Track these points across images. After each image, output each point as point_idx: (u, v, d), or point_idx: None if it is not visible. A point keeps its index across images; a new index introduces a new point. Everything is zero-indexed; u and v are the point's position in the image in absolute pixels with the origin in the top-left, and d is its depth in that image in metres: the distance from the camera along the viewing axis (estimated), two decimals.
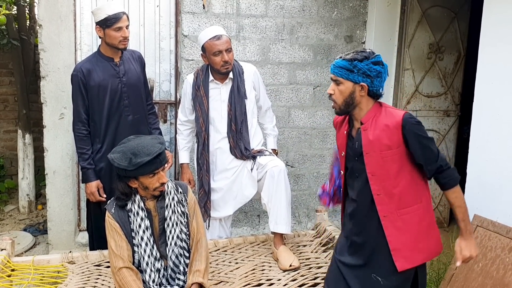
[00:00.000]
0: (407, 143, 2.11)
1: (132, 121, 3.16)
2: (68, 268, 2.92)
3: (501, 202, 2.83)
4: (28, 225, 4.82)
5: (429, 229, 2.21)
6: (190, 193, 2.60)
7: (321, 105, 4.45)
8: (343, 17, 4.37)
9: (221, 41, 3.07)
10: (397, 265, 2.13)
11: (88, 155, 3.11)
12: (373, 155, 2.14)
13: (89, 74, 3.06)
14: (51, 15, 3.78)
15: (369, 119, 2.17)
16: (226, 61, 3.06)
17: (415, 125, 2.10)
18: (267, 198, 3.09)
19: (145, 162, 2.26)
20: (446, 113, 4.57)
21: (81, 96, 3.07)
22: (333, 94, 2.18)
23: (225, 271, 2.95)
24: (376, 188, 2.15)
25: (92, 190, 3.11)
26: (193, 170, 4.24)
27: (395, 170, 2.13)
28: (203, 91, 3.18)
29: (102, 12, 3.00)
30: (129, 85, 3.15)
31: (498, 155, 2.88)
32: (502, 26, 2.84)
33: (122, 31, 3.02)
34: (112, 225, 2.43)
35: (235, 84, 3.18)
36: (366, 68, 2.11)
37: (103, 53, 3.13)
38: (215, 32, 3.10)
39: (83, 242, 4.07)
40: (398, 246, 2.14)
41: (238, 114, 3.16)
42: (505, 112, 2.83)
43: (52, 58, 3.82)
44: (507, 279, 2.55)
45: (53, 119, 3.88)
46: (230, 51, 3.11)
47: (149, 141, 2.38)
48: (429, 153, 2.12)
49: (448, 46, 4.47)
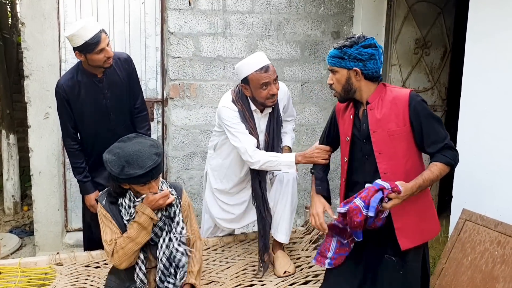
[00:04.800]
0: (412, 122, 2.13)
1: (118, 131, 2.98)
2: (55, 270, 2.88)
3: (489, 196, 2.85)
4: (14, 227, 4.74)
5: (429, 210, 2.26)
6: (184, 196, 2.56)
7: (309, 102, 4.44)
8: (330, 13, 4.36)
9: (269, 73, 2.75)
10: (400, 243, 2.16)
11: (82, 168, 3.05)
12: (380, 133, 2.17)
13: (72, 91, 2.92)
14: (34, 13, 3.71)
15: (375, 99, 2.21)
16: (274, 94, 2.78)
17: (421, 102, 2.14)
18: (272, 202, 2.98)
19: (136, 175, 2.22)
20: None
21: (66, 112, 2.97)
22: (333, 83, 2.24)
23: (216, 271, 2.93)
24: (383, 167, 2.17)
25: (91, 203, 3.06)
26: None
27: (403, 149, 2.16)
28: (252, 124, 2.87)
29: (79, 38, 2.75)
30: (114, 99, 3.02)
31: (486, 150, 2.89)
32: (488, 22, 2.85)
33: (105, 52, 2.81)
34: (104, 214, 2.39)
35: (275, 114, 2.95)
36: (356, 53, 2.14)
37: (85, 68, 2.94)
38: (261, 62, 2.77)
39: (71, 243, 4.03)
40: (402, 226, 2.17)
41: (275, 144, 2.97)
42: (492, 106, 2.85)
43: (35, 56, 3.75)
44: (496, 272, 2.57)
45: (37, 119, 3.82)
46: (277, 81, 2.82)
47: (147, 150, 2.29)
48: (434, 131, 2.13)
49: (435, 41, 4.49)
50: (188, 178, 4.23)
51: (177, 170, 4.20)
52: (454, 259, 2.84)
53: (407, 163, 2.16)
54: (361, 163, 2.27)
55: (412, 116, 2.13)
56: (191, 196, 4.25)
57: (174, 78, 4.08)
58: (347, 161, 2.32)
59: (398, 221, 2.17)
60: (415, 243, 2.19)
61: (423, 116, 2.13)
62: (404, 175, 2.14)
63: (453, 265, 2.83)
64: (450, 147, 2.13)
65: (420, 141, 2.16)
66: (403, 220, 2.17)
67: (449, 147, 2.13)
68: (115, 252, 2.34)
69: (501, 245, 2.62)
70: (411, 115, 2.13)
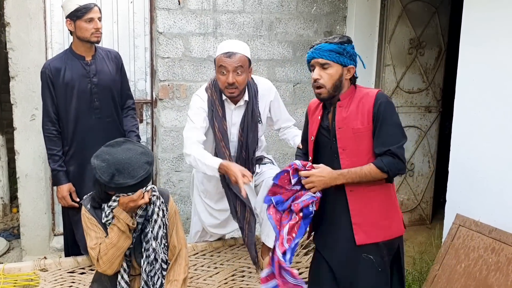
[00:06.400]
0: (373, 120, 2.14)
1: (103, 124, 3.00)
2: (40, 276, 2.81)
3: (484, 201, 2.79)
4: (2, 230, 4.67)
5: (392, 210, 2.25)
6: (171, 202, 2.48)
7: (301, 102, 4.37)
8: (322, 12, 4.30)
9: (231, 59, 2.63)
10: (356, 238, 2.18)
11: (58, 157, 2.97)
12: (345, 130, 2.18)
13: (57, 72, 2.92)
14: (19, 13, 3.63)
15: (346, 98, 2.22)
16: (230, 83, 2.65)
17: (386, 102, 2.15)
18: (259, 208, 2.89)
19: (126, 185, 2.15)
20: (427, 109, 4.53)
21: (49, 94, 2.94)
22: (320, 78, 2.17)
23: (203, 277, 2.87)
24: (346, 163, 2.18)
25: (63, 194, 2.97)
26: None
27: (366, 147, 2.17)
28: (220, 111, 2.79)
29: (72, 4, 2.85)
30: (101, 86, 2.99)
31: (480, 153, 2.84)
32: (482, 24, 2.82)
33: (94, 23, 2.87)
34: (89, 218, 2.32)
35: (250, 108, 2.82)
36: (352, 52, 2.19)
37: (74, 50, 2.98)
38: (229, 48, 2.67)
39: (58, 247, 3.96)
40: (359, 221, 2.18)
41: (250, 142, 2.85)
42: (487, 109, 2.80)
43: (21, 57, 3.67)
44: (490, 280, 2.51)
45: (24, 120, 3.75)
46: (241, 73, 2.67)
47: (138, 158, 2.22)
48: (388, 134, 2.12)
49: (429, 41, 4.43)
50: (178, 180, 4.16)
51: (167, 173, 4.13)
52: (448, 265, 2.78)
53: (369, 161, 2.16)
54: (330, 161, 2.24)
55: (374, 115, 2.13)
56: (181, 199, 4.18)
57: (164, 78, 4.00)
58: (311, 160, 2.34)
59: (357, 216, 2.18)
60: (373, 239, 2.18)
61: (383, 117, 2.12)
62: None
63: (446, 271, 2.77)
64: (393, 154, 2.11)
65: (374, 140, 2.16)
66: (362, 216, 2.18)
67: (392, 153, 2.11)
68: (99, 258, 2.27)
69: (495, 252, 2.56)
70: (374, 114, 2.13)
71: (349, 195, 2.19)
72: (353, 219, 2.18)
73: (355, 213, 2.18)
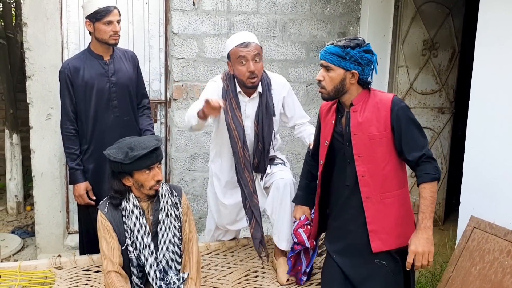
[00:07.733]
0: (393, 127, 2.12)
1: (121, 122, 3.05)
2: (55, 274, 2.84)
3: (499, 203, 2.77)
4: (16, 227, 4.72)
5: (407, 216, 2.24)
6: (184, 197, 2.56)
7: (314, 103, 4.37)
8: (336, 13, 4.30)
9: (248, 48, 2.69)
10: (372, 246, 2.16)
11: (76, 155, 3.01)
12: (361, 136, 2.15)
13: (76, 71, 2.96)
14: (36, 13, 3.67)
15: (359, 102, 2.18)
16: (252, 71, 2.69)
17: (403, 108, 2.13)
18: (270, 210, 2.90)
19: (141, 155, 2.25)
20: (440, 111, 4.51)
21: (68, 93, 2.98)
22: (323, 80, 2.18)
23: (217, 276, 2.88)
24: (362, 170, 2.16)
25: (80, 193, 3.01)
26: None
27: (382, 153, 2.15)
28: (235, 103, 2.83)
29: (92, 5, 2.89)
30: (119, 85, 3.04)
31: (495, 155, 2.82)
32: (498, 24, 2.78)
33: (112, 25, 2.91)
34: (104, 225, 2.38)
35: (263, 100, 2.85)
36: (358, 56, 2.11)
37: (93, 50, 3.02)
38: (243, 38, 2.74)
39: (72, 245, 3.99)
40: (376, 228, 2.17)
41: (266, 135, 2.87)
42: (502, 111, 2.78)
43: (38, 57, 3.71)
44: (506, 283, 2.49)
45: (40, 119, 3.78)
46: (259, 61, 2.74)
47: (146, 138, 2.41)
48: (414, 138, 2.11)
49: (443, 43, 4.41)
50: (191, 180, 4.18)
51: (180, 172, 4.15)
52: (462, 267, 2.77)
53: (386, 168, 2.15)
54: (343, 166, 2.24)
55: (393, 122, 2.12)
56: (194, 198, 4.20)
57: (178, 79, 4.03)
58: (322, 164, 2.32)
59: (373, 223, 2.17)
60: (389, 247, 2.17)
61: (404, 122, 2.11)
62: (382, 179, 2.15)
63: (460, 274, 2.76)
64: (428, 158, 2.11)
65: (400, 147, 2.15)
66: (378, 223, 2.17)
67: (427, 157, 2.11)
68: (105, 281, 2.39)
69: (511, 255, 2.54)
70: (392, 121, 2.12)
71: (365, 202, 2.18)
72: (369, 226, 2.17)
73: (371, 220, 2.17)
